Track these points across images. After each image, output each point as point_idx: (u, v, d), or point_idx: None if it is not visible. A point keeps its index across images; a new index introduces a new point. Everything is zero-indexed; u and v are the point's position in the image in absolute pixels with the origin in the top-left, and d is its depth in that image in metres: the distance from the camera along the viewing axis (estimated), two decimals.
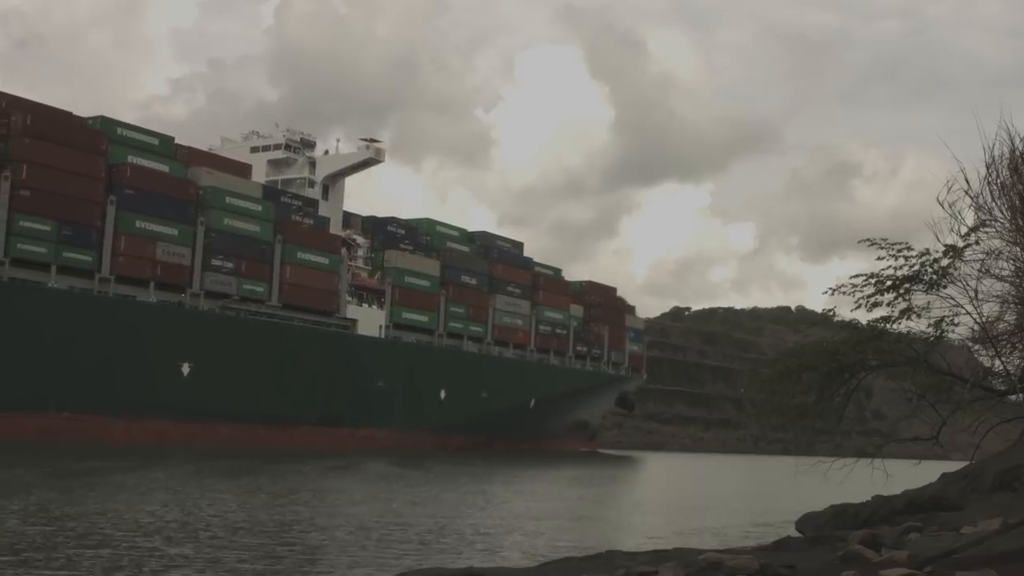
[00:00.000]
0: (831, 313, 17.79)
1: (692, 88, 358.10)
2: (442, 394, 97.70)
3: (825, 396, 17.41)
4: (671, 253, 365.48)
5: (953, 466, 21.30)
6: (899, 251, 16.41)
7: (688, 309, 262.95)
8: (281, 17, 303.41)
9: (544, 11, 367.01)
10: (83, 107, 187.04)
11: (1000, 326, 16.73)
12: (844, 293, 17.05)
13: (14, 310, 67.02)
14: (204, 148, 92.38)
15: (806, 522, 19.79)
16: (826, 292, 17.48)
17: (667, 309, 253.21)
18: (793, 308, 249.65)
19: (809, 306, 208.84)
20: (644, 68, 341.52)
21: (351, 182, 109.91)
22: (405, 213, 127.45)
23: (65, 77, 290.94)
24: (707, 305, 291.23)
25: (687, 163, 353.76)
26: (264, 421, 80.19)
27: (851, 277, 17.07)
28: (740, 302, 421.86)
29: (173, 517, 30.99)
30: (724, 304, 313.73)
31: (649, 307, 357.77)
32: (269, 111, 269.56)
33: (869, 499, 19.50)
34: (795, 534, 18.58)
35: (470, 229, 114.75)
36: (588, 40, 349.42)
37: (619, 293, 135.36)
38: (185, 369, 76.81)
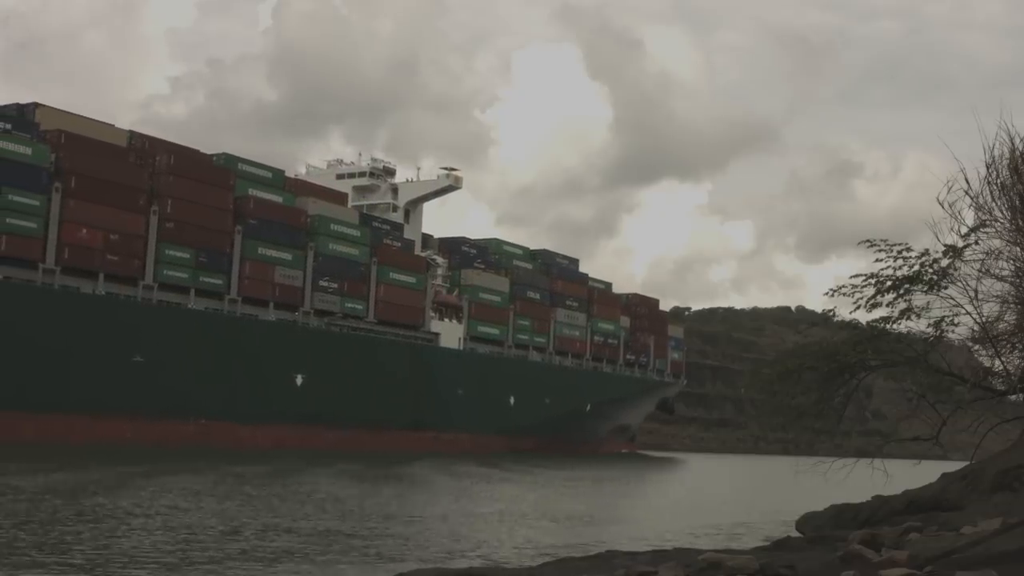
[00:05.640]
0: (831, 313, 15.20)
1: (691, 88, 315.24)
2: (511, 400, 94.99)
3: (825, 396, 14.97)
4: (670, 252, 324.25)
5: (953, 466, 18.26)
6: (899, 252, 13.98)
7: (688, 309, 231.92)
8: (279, 17, 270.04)
9: (542, 11, 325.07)
10: (84, 107, 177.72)
11: (1000, 326, 14.41)
12: (844, 294, 14.60)
13: (161, 330, 66.14)
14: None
15: (806, 522, 17.08)
16: (827, 294, 15.00)
17: (667, 309, 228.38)
18: (793, 308, 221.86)
19: (809, 306, 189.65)
20: (643, 67, 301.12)
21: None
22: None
23: (64, 78, 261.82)
24: (707, 305, 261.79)
25: (686, 163, 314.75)
26: (362, 425, 78.10)
27: (851, 277, 14.72)
28: (740, 302, 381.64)
29: None
30: (724, 304, 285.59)
31: None
32: (268, 111, 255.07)
33: (869, 499, 16.78)
34: (795, 534, 16.02)
35: (532, 247, 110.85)
36: (586, 40, 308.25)
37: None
38: (298, 380, 75.33)
